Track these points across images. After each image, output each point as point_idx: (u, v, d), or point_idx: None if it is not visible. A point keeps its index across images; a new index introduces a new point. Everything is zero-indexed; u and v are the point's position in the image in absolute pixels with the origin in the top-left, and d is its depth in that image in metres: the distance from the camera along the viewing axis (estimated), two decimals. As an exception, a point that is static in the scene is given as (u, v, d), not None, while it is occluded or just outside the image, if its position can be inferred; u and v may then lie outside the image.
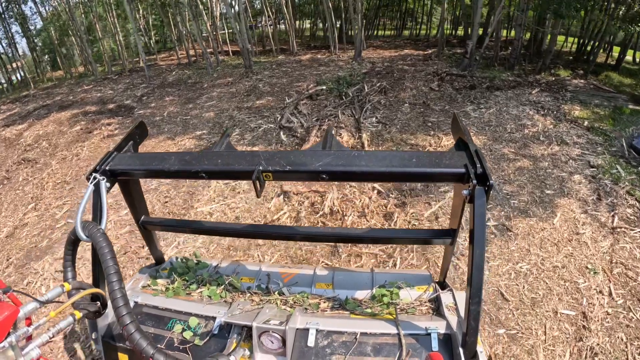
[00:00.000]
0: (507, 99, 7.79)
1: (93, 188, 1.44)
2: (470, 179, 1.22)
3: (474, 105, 7.49)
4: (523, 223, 4.12)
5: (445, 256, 1.83)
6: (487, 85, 8.52)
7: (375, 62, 12.50)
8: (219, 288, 1.86)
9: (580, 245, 3.83)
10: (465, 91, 8.27)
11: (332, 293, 1.82)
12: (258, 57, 15.27)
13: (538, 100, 7.70)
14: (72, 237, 1.36)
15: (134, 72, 14.57)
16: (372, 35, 23.62)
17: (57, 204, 5.56)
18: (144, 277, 1.97)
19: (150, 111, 9.10)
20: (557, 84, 8.95)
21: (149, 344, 1.15)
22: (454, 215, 1.58)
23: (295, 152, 1.54)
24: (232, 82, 10.77)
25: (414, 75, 9.96)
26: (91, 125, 8.72)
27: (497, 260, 3.64)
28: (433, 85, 8.86)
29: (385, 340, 1.45)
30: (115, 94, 11.27)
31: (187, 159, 1.51)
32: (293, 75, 11.00)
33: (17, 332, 1.05)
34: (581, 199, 4.55)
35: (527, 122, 6.61)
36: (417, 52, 14.54)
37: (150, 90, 11.07)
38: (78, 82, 14.36)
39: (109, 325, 1.61)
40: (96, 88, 12.70)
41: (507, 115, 6.93)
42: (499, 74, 9.87)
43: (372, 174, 1.37)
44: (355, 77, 9.98)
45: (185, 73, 12.94)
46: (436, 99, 7.99)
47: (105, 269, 1.22)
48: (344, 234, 2.04)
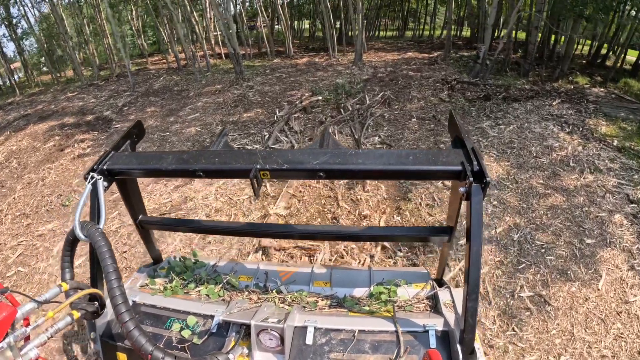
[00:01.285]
0: (527, 113, 6.93)
1: (91, 188, 1.43)
2: (467, 176, 1.22)
3: (491, 120, 6.63)
4: (563, 291, 3.32)
5: (443, 253, 1.83)
6: (502, 96, 7.65)
7: (377, 67, 11.64)
8: (217, 287, 1.86)
9: (630, 319, 3.12)
10: (479, 102, 7.40)
11: (330, 291, 1.82)
12: (252, 61, 14.43)
13: (560, 114, 6.87)
14: (71, 237, 1.34)
15: (121, 77, 13.75)
16: (373, 37, 22.69)
17: (12, 244, 4.80)
18: (142, 276, 1.96)
19: (128, 125, 8.27)
20: (577, 93, 8.13)
21: (147, 342, 1.15)
22: (451, 213, 1.58)
23: (293, 150, 1.60)
24: (220, 90, 9.93)
25: (421, 82, 9.09)
26: (65, 141, 8.03)
27: (534, 353, 2.78)
28: (443, 95, 8.00)
29: (383, 338, 1.45)
30: (97, 103, 10.52)
31: (185, 158, 1.50)
32: (287, 82, 10.14)
33: (15, 332, 1.04)
34: (625, 248, 3.82)
35: (553, 142, 5.76)
36: (422, 55, 13.66)
37: (133, 99, 10.27)
38: (64, 89, 13.59)
39: (107, 324, 1.60)
40: (80, 95, 11.94)
41: (529, 134, 6.07)
42: (513, 82, 9.00)
43: (369, 172, 1.39)
44: (356, 85, 9.13)
45: (173, 79, 12.10)
46: (445, 112, 7.13)
47: (104, 268, 1.22)
48: (342, 232, 2.05)
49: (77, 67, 13.92)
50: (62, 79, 15.99)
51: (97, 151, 7.18)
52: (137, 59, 18.79)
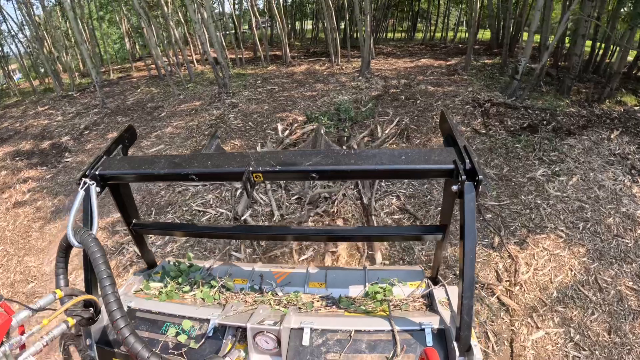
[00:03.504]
0: (586, 153, 5.37)
1: (83, 193, 1.42)
2: (460, 174, 1.23)
3: (545, 166, 5.01)
4: None
5: (437, 252, 1.84)
6: (552, 126, 5.99)
7: (387, 77, 10.00)
8: (212, 290, 1.85)
9: None
10: (525, 136, 5.73)
11: (326, 292, 1.82)
12: (244, 68, 12.82)
13: (624, 153, 5.43)
14: (64, 243, 1.34)
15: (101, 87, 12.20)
16: (380, 39, 20.88)
17: None
18: (137, 281, 1.94)
19: (81, 158, 6.76)
20: (630, 119, 6.57)
21: (144, 348, 1.15)
22: (445, 211, 1.58)
23: (286, 152, 1.71)
24: (198, 108, 8.28)
25: (445, 102, 7.42)
26: (10, 178, 6.74)
27: None
28: (476, 123, 6.32)
29: (380, 337, 1.45)
30: (62, 123, 9.08)
31: (177, 162, 1.51)
32: (279, 100, 8.49)
33: (11, 340, 1.04)
34: None
35: (630, 204, 4.23)
36: (438, 63, 11.98)
37: (99, 119, 8.77)
38: (39, 100, 12.07)
39: (103, 330, 1.58)
40: (48, 111, 10.41)
41: (599, 191, 4.52)
42: (554, 102, 7.33)
43: (362, 172, 1.41)
44: (363, 106, 7.50)
45: (151, 91, 10.51)
46: (486, 151, 5.47)
47: (98, 274, 1.21)
48: (336, 233, 2.09)
49: (54, 75, 12.40)
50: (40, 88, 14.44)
51: (35, 199, 5.67)
52: (126, 63, 17.21)
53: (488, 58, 12.45)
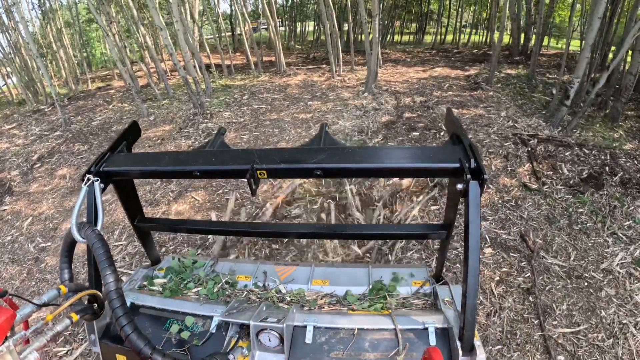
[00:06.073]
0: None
1: (87, 189, 1.42)
2: (465, 173, 1.22)
3: (621, 246, 3.51)
4: None
5: (441, 250, 1.85)
6: (619, 177, 4.47)
7: (398, 93, 8.52)
8: (215, 287, 1.85)
9: None
10: (589, 195, 4.19)
11: (329, 289, 1.81)
12: (233, 78, 11.40)
13: None
14: (68, 239, 1.35)
15: (73, 101, 10.84)
16: (387, 42, 19.28)
17: None
18: (141, 277, 1.95)
19: (19, 206, 5.37)
20: None
21: (146, 345, 1.15)
22: (449, 210, 1.58)
23: (290, 149, 1.68)
24: (166, 136, 6.85)
25: (476, 135, 5.85)
26: None
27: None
28: (522, 170, 4.72)
29: (383, 336, 1.44)
30: (20, 149, 7.76)
31: (181, 159, 1.53)
32: (264, 124, 7.01)
33: (15, 336, 1.03)
34: None
35: None
36: (455, 73, 10.49)
37: (57, 145, 7.38)
38: (11, 114, 10.75)
39: (106, 326, 1.58)
40: (13, 131, 9.03)
41: None
42: (606, 132, 5.85)
43: (367, 170, 1.41)
44: (370, 137, 6.04)
45: (123, 108, 9.12)
46: (543, 223, 3.84)
47: (102, 270, 1.22)
48: (340, 231, 2.11)
49: (25, 86, 11.08)
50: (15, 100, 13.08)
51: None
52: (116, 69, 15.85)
53: (510, 67, 10.97)
